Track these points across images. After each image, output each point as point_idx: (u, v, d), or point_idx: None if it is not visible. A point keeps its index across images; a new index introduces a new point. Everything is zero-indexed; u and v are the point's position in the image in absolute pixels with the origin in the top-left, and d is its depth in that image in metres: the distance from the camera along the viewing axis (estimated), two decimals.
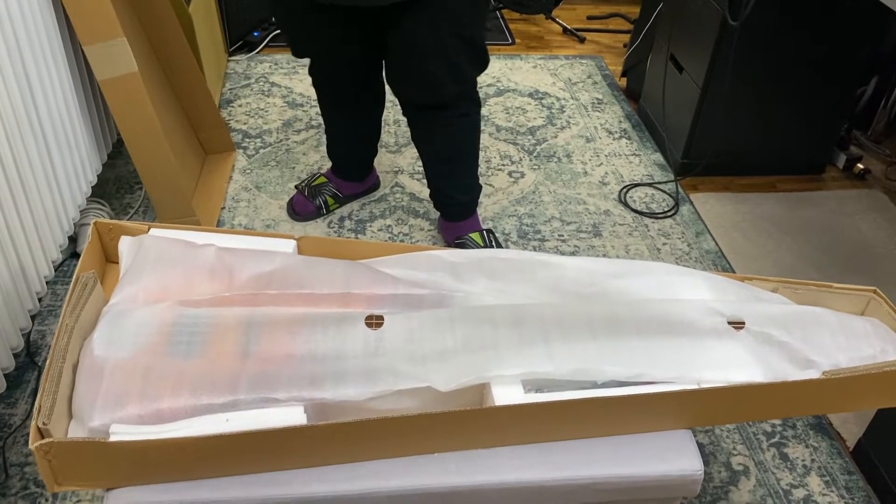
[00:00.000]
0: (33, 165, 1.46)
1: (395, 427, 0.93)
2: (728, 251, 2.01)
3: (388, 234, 2.01)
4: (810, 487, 1.44)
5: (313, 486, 0.93)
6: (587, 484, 0.97)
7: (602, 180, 2.26)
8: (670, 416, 1.01)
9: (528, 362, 1.00)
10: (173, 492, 0.91)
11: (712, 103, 2.15)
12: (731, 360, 1.03)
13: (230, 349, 0.99)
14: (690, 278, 1.18)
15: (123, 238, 1.14)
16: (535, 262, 1.18)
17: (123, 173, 2.15)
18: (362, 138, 1.97)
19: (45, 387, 0.91)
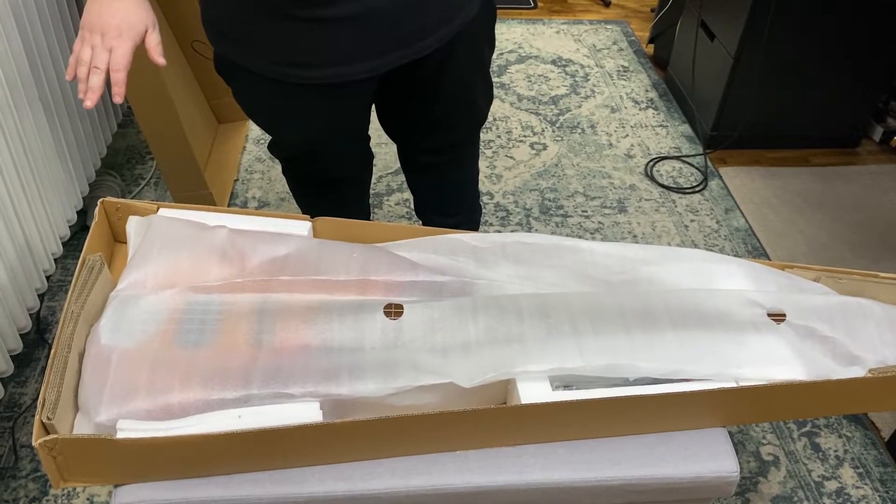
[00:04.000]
0: (40, 137, 1.41)
1: (414, 425, 0.88)
2: (758, 229, 1.94)
3: (405, 207, 1.96)
4: (843, 479, 1.39)
5: (329, 485, 0.89)
6: (618, 485, 0.92)
7: (628, 153, 2.18)
8: (706, 415, 0.96)
9: (557, 357, 0.94)
10: (183, 489, 0.88)
11: (745, 73, 2.06)
12: (771, 356, 0.98)
13: (242, 339, 0.94)
14: (727, 266, 1.12)
15: (131, 218, 1.10)
16: (563, 247, 1.11)
17: (135, 143, 2.10)
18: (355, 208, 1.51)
19: (49, 378, 0.87)
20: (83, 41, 0.99)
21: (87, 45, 0.98)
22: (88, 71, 0.98)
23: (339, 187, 1.39)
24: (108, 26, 0.98)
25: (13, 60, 1.32)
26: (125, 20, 0.99)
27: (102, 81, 0.98)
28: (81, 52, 0.98)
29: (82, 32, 0.99)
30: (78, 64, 0.99)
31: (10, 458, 1.37)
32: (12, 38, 1.31)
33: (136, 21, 1.00)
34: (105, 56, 0.97)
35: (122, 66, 0.98)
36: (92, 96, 0.98)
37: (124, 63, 0.98)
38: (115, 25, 0.98)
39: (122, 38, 0.98)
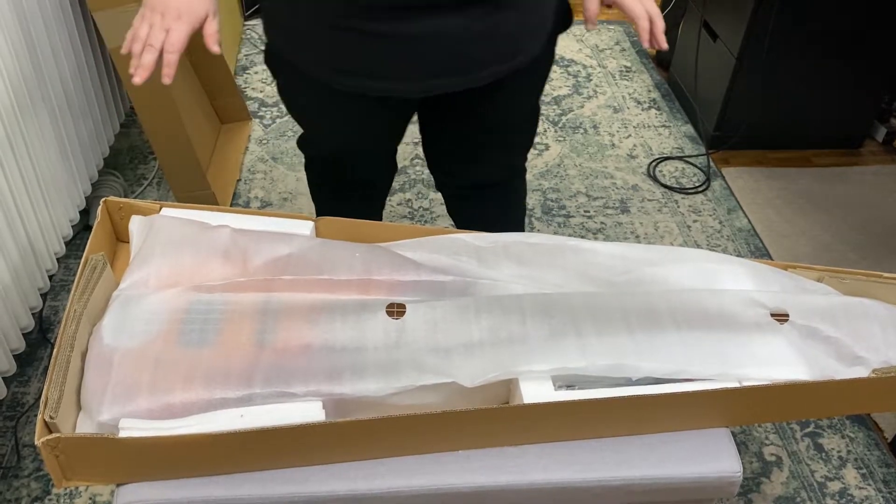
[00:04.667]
0: (43, 137, 1.41)
1: (416, 424, 0.88)
2: (761, 229, 1.94)
3: (407, 208, 1.95)
4: (846, 480, 1.39)
5: (331, 485, 0.89)
6: (620, 485, 0.92)
7: (630, 153, 2.18)
8: (708, 415, 0.96)
9: (559, 357, 0.94)
10: (185, 488, 0.88)
11: (747, 73, 2.05)
12: (775, 357, 0.98)
13: (245, 339, 0.94)
14: (730, 266, 1.11)
15: (134, 218, 1.10)
16: (566, 247, 1.11)
17: (137, 143, 2.10)
18: (370, 210, 1.49)
19: (52, 378, 0.87)
20: (143, 18, 0.98)
21: (146, 23, 0.98)
22: (143, 48, 0.97)
23: (360, 190, 1.39)
24: (169, 7, 0.98)
25: (17, 60, 1.32)
26: (186, 3, 0.98)
27: (154, 60, 0.97)
28: (139, 28, 0.98)
29: (143, 10, 0.99)
30: (134, 40, 0.98)
31: (13, 457, 1.37)
32: (16, 38, 1.31)
33: (198, 5, 0.99)
34: (161, 36, 0.97)
35: (175, 49, 0.97)
36: (142, 73, 0.97)
37: (178, 46, 0.98)
38: (176, 7, 0.98)
39: (180, 21, 0.98)
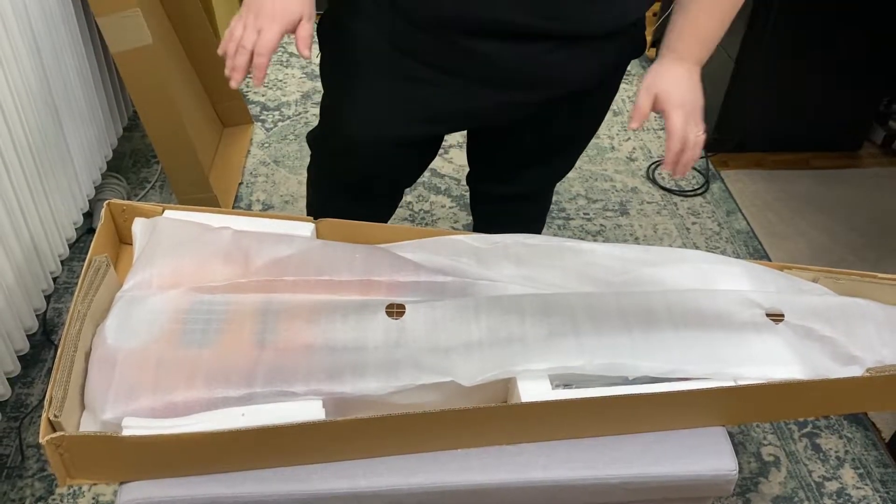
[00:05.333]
0: (47, 140, 1.42)
1: (416, 423, 0.89)
2: (760, 231, 1.95)
3: (408, 210, 1.97)
4: (844, 480, 1.40)
5: (331, 483, 0.90)
6: (617, 483, 0.93)
7: (630, 156, 2.19)
8: (705, 414, 0.97)
9: (557, 356, 0.95)
10: (187, 487, 0.89)
11: (746, 76, 2.07)
12: (770, 356, 0.98)
13: (246, 339, 0.95)
14: (727, 267, 1.12)
15: (137, 220, 1.11)
16: (565, 248, 1.12)
17: (140, 146, 2.12)
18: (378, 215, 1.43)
19: (56, 377, 0.88)
20: (239, 18, 0.96)
21: (241, 23, 0.95)
22: (237, 48, 0.95)
23: (370, 193, 1.32)
24: (263, 7, 0.95)
25: (21, 65, 1.33)
26: (281, 4, 0.95)
27: (246, 63, 0.95)
28: (235, 28, 0.96)
29: (241, 10, 0.97)
30: (229, 40, 0.96)
31: (17, 457, 1.39)
32: (20, 42, 1.33)
33: (293, 7, 0.95)
34: (253, 37, 0.94)
35: (265, 51, 0.94)
36: (236, 76, 0.95)
37: (269, 48, 0.94)
38: (271, 8, 0.94)
39: (273, 22, 0.94)
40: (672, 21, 1.04)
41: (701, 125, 1.00)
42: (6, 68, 1.28)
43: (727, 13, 1.01)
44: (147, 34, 1.54)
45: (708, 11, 0.99)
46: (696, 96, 1.00)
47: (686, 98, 1.00)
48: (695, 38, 1.00)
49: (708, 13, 0.99)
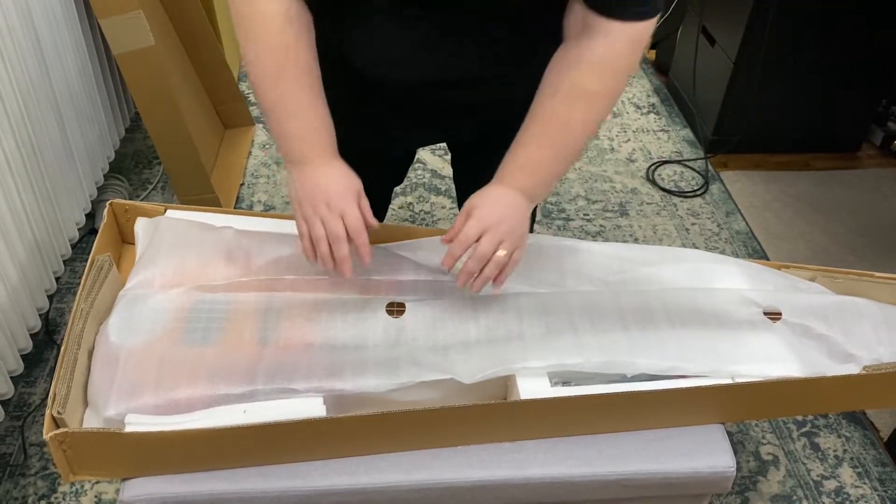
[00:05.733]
0: (50, 140, 1.43)
1: (416, 420, 0.90)
2: (759, 232, 1.95)
3: (409, 211, 1.97)
4: (842, 479, 1.40)
5: (332, 479, 0.91)
6: (616, 480, 0.94)
7: (629, 157, 2.20)
8: (703, 411, 0.97)
9: (555, 354, 0.96)
10: (190, 483, 0.89)
11: (745, 77, 2.07)
12: (767, 354, 0.99)
13: (247, 337, 0.96)
14: (725, 266, 1.13)
15: (139, 220, 1.12)
16: (563, 248, 1.13)
17: (142, 148, 2.13)
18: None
19: (59, 374, 0.89)
20: (308, 218, 0.94)
21: (316, 220, 0.93)
22: (328, 244, 0.93)
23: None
24: (331, 195, 0.93)
25: (25, 66, 1.34)
26: (343, 184, 0.94)
27: (348, 250, 0.93)
28: (312, 227, 0.93)
29: (301, 210, 0.94)
30: (317, 241, 0.93)
31: (20, 456, 1.39)
32: (24, 44, 1.34)
33: (352, 183, 0.95)
34: (340, 223, 0.92)
35: (361, 230, 0.93)
36: (346, 267, 0.92)
37: (362, 226, 0.93)
38: (338, 192, 0.93)
39: (349, 203, 0.93)
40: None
41: (509, 246, 0.94)
42: (10, 70, 1.29)
43: (559, 146, 0.95)
44: (149, 36, 1.55)
45: (535, 141, 0.95)
46: (507, 217, 0.94)
47: (494, 215, 0.94)
48: (518, 165, 0.96)
49: (535, 143, 0.95)
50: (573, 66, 0.92)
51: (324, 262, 0.93)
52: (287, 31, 0.91)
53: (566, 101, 0.93)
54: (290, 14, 0.91)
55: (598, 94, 0.93)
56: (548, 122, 0.95)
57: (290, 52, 0.92)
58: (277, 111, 0.94)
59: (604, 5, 0.89)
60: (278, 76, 0.93)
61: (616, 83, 0.94)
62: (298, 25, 0.92)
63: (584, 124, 0.95)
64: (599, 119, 0.96)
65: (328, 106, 0.96)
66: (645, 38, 0.91)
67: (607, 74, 0.92)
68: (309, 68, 0.94)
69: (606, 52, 0.90)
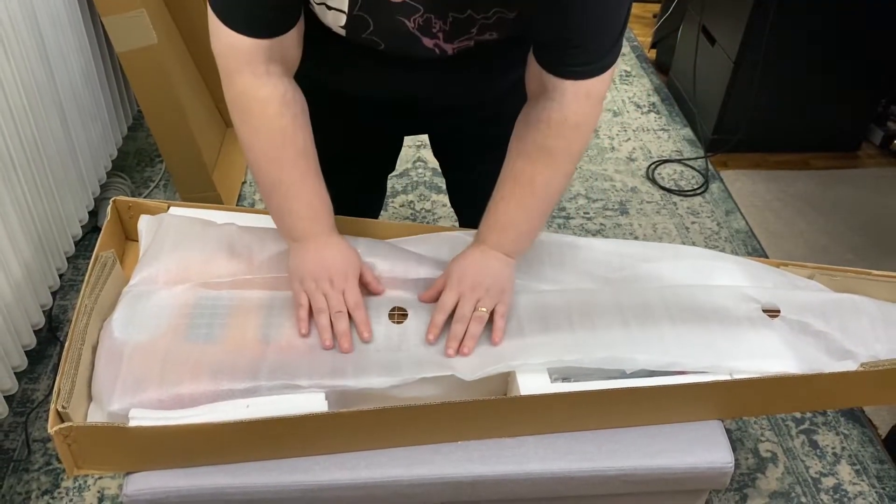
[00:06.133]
0: (54, 138, 1.44)
1: (417, 415, 0.90)
2: (759, 231, 1.96)
3: (409, 209, 1.98)
4: (840, 476, 1.41)
5: (334, 473, 0.91)
6: (615, 475, 0.94)
7: (629, 156, 2.21)
8: (701, 407, 0.98)
9: (555, 350, 0.96)
10: (193, 477, 0.90)
11: (745, 77, 2.08)
12: (766, 350, 1.00)
13: (251, 334, 0.97)
14: (724, 263, 1.14)
15: (143, 217, 1.12)
16: (563, 244, 1.14)
17: (144, 146, 2.13)
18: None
19: (63, 369, 0.90)
20: (309, 291, 0.97)
21: (319, 293, 0.97)
22: (328, 318, 0.96)
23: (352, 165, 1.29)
24: (334, 272, 0.98)
25: (28, 64, 1.35)
26: (345, 262, 0.99)
27: (348, 325, 0.97)
28: (314, 301, 0.97)
29: (303, 285, 0.98)
30: (317, 313, 0.97)
31: (23, 451, 1.40)
32: (27, 41, 1.34)
33: (354, 261, 1.01)
34: (342, 299, 0.97)
35: (361, 305, 0.98)
36: (347, 340, 0.95)
37: (361, 302, 0.98)
38: (340, 269, 0.98)
39: (349, 280, 0.99)
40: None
41: (488, 303, 0.97)
42: (14, 68, 1.30)
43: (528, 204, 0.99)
44: (152, 34, 1.56)
45: (504, 201, 0.99)
46: (482, 277, 0.98)
47: (467, 279, 0.98)
48: (490, 224, 1.00)
49: (504, 202, 0.99)
50: (532, 127, 0.96)
51: (321, 334, 0.96)
52: (284, 115, 0.94)
53: (529, 160, 0.97)
54: (286, 98, 0.94)
55: (559, 152, 0.96)
56: (515, 182, 0.99)
57: (287, 135, 0.95)
58: (278, 193, 0.98)
59: (551, 65, 0.91)
60: (277, 159, 0.96)
61: (576, 138, 0.96)
62: (294, 108, 0.95)
63: (549, 181, 0.98)
64: (564, 175, 0.99)
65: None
66: (600, 93, 0.93)
67: (566, 131, 0.95)
68: (306, 150, 0.97)
69: (560, 110, 0.93)
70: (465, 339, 0.97)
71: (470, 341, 0.96)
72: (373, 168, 1.35)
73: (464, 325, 0.97)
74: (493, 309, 0.99)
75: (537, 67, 0.93)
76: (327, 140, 1.04)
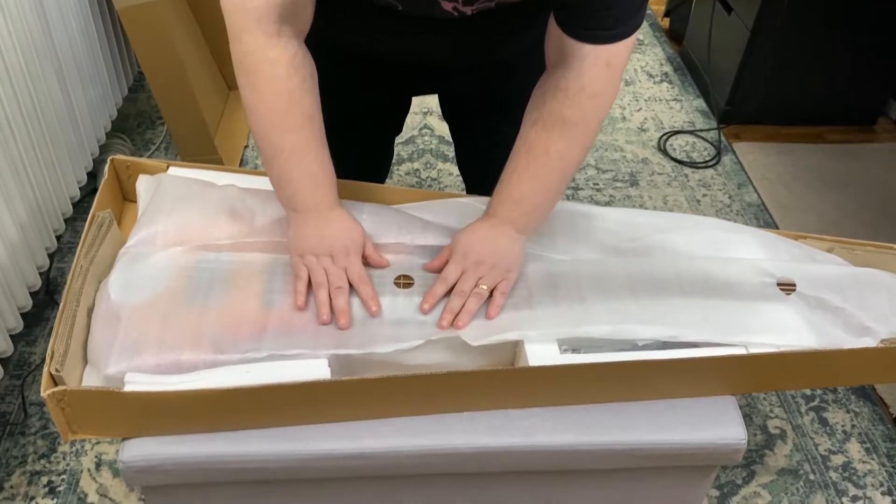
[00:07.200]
0: (52, 98, 1.41)
1: (422, 384, 0.88)
2: (771, 205, 1.92)
3: (415, 178, 1.95)
4: (850, 454, 1.39)
5: (334, 443, 0.89)
6: (624, 450, 0.92)
7: (641, 126, 2.16)
8: (714, 382, 0.95)
9: (565, 320, 0.94)
10: (190, 444, 0.87)
11: (761, 47, 2.03)
12: (782, 326, 0.97)
13: (252, 301, 0.94)
14: (739, 235, 1.10)
15: (141, 177, 1.09)
16: (576, 213, 1.10)
17: (146, 108, 2.09)
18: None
19: (57, 332, 0.87)
20: (310, 265, 0.94)
21: (319, 269, 0.94)
22: (328, 293, 0.93)
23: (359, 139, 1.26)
24: (336, 248, 0.95)
25: (26, 22, 1.31)
26: (348, 238, 0.96)
27: (348, 301, 0.93)
28: (313, 274, 0.93)
29: (304, 259, 0.95)
30: (316, 288, 0.93)
31: (20, 415, 1.38)
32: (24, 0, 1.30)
33: (357, 236, 0.97)
34: (343, 275, 0.94)
35: (366, 279, 0.95)
36: (345, 317, 0.91)
37: (366, 277, 0.95)
38: (342, 245, 0.95)
39: (351, 256, 0.95)
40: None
41: (490, 281, 0.94)
42: (11, 26, 1.26)
43: (542, 177, 0.95)
44: None
45: (518, 173, 0.95)
46: (487, 254, 0.95)
47: (473, 255, 0.95)
48: (502, 197, 0.96)
49: (518, 174, 0.95)
50: (549, 95, 0.92)
51: (319, 309, 0.92)
52: (292, 78, 0.89)
53: (544, 131, 0.93)
54: (295, 61, 0.89)
55: (575, 122, 0.92)
56: (529, 152, 0.95)
57: (293, 99, 0.90)
58: (279, 160, 0.93)
59: (572, 28, 0.87)
60: (280, 124, 0.91)
61: (594, 109, 0.92)
62: (303, 71, 0.90)
63: (564, 152, 0.94)
64: (581, 147, 0.95)
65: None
66: (620, 63, 0.89)
67: (583, 101, 0.90)
68: (312, 117, 0.93)
69: (579, 78, 0.89)
70: (460, 313, 0.93)
71: (465, 316, 0.93)
72: (380, 129, 1.31)
73: (462, 299, 0.94)
74: (496, 286, 0.95)
75: (557, 32, 0.89)
76: (336, 99, 1.00)
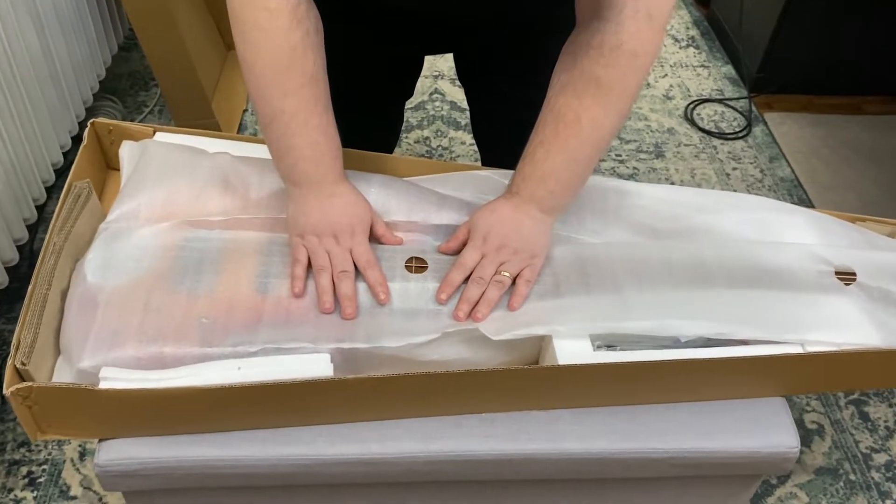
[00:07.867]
0: (29, 53, 1.30)
1: (437, 383, 0.79)
2: (805, 180, 1.82)
3: (425, 146, 1.84)
4: (893, 452, 1.32)
5: (339, 447, 0.80)
6: (662, 458, 0.83)
7: (666, 94, 2.06)
8: (765, 383, 0.86)
9: (596, 313, 0.84)
10: (174, 447, 0.79)
11: (799, 10, 1.92)
12: (841, 321, 0.88)
13: (246, 283, 0.85)
14: (791, 217, 1.01)
15: (125, 143, 1.00)
16: (607, 189, 1.00)
17: (139, 68, 2.00)
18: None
19: (25, 318, 0.78)
20: (311, 248, 0.85)
21: (321, 251, 0.85)
22: (331, 278, 0.84)
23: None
24: (339, 226, 0.85)
25: None
26: (354, 215, 0.87)
27: (354, 286, 0.84)
28: (315, 258, 0.85)
29: (304, 239, 0.86)
30: (317, 274, 0.84)
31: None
32: None
33: (364, 214, 0.88)
34: (348, 257, 0.85)
35: (374, 263, 0.85)
36: (351, 305, 0.82)
37: (373, 261, 0.86)
38: (347, 224, 0.86)
39: (357, 236, 0.86)
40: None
41: (513, 267, 0.85)
42: None
43: (571, 148, 0.85)
44: None
45: (544, 145, 0.85)
46: (510, 238, 0.86)
47: (494, 239, 0.86)
48: (526, 173, 0.86)
49: (544, 147, 0.85)
50: (580, 54, 0.82)
51: (321, 296, 0.83)
52: (295, 31, 0.79)
53: (574, 95, 0.83)
54: (298, 11, 0.79)
55: (611, 84, 0.81)
56: (557, 121, 0.85)
57: (295, 55, 0.80)
58: (279, 125, 0.83)
59: None
60: (280, 83, 0.81)
61: (632, 69, 0.81)
62: (307, 24, 0.80)
63: (598, 120, 0.84)
64: (617, 114, 0.84)
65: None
66: (663, 15, 0.79)
67: (621, 59, 0.80)
68: (316, 77, 0.83)
69: (616, 33, 0.78)
70: (479, 303, 0.84)
71: (484, 307, 0.83)
72: (390, 91, 1.20)
73: (480, 288, 0.84)
74: (519, 273, 0.86)
75: None
76: (344, 56, 0.90)
